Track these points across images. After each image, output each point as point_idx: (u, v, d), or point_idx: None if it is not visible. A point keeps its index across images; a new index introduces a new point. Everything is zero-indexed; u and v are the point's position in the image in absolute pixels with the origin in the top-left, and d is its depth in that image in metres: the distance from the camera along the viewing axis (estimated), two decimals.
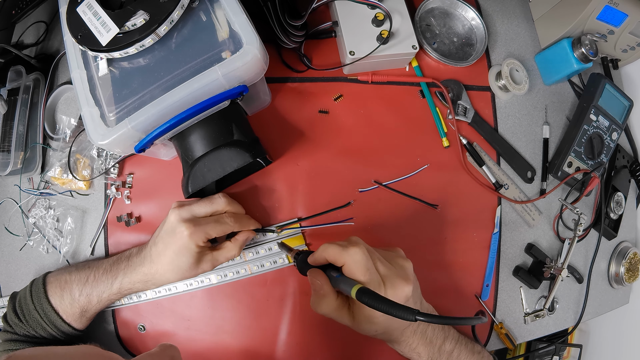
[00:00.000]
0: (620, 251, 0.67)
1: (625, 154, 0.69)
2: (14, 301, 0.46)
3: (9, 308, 0.45)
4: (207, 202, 0.45)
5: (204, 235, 0.42)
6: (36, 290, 0.45)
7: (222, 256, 0.45)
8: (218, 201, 0.45)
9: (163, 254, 0.43)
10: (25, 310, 0.44)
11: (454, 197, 0.56)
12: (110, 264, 0.46)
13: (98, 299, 0.44)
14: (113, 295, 0.45)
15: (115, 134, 0.37)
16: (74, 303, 0.44)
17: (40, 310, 0.44)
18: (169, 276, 0.44)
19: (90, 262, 0.48)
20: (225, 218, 0.45)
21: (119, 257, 0.46)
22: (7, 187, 0.54)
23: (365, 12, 0.53)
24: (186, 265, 0.43)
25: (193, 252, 0.42)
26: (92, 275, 0.45)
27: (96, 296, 0.44)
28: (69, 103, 0.56)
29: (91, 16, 0.38)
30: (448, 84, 0.58)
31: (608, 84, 0.62)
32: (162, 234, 0.44)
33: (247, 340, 0.51)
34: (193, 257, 0.43)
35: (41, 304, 0.44)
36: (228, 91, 0.39)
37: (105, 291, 0.44)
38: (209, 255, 0.45)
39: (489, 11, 0.65)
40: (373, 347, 0.53)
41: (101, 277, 0.44)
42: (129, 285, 0.44)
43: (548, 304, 0.58)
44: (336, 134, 0.54)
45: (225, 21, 0.39)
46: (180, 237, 0.42)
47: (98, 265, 0.46)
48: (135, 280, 0.44)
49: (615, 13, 0.60)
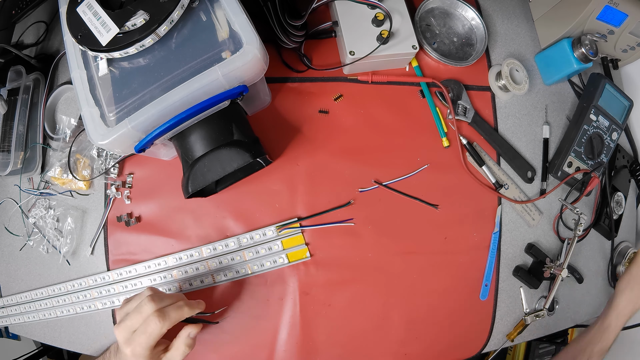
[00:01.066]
0: (620, 251, 0.67)
1: (625, 154, 0.69)
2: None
3: None
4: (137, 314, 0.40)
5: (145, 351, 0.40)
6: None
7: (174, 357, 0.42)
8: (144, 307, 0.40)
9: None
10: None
11: (454, 197, 0.56)
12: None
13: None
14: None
15: (115, 134, 0.37)
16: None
17: None
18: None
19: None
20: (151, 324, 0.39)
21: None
22: (7, 187, 0.55)
23: (365, 12, 0.53)
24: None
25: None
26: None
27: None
28: (69, 103, 0.56)
29: (91, 16, 0.38)
30: (448, 84, 0.58)
31: (608, 84, 0.62)
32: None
33: (247, 340, 0.51)
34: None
35: None
36: (228, 91, 0.39)
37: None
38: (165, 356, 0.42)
39: (489, 11, 0.65)
40: (373, 346, 0.53)
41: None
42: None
43: (548, 304, 0.58)
44: (336, 134, 0.54)
45: (225, 21, 0.39)
46: None
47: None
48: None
49: (615, 13, 0.60)
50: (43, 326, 0.56)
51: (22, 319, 0.55)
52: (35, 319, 0.54)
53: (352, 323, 0.52)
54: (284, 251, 0.51)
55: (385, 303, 0.53)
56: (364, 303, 0.52)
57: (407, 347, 0.54)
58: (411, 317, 0.54)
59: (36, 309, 0.54)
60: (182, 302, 0.42)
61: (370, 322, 0.53)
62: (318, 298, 0.51)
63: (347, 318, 0.52)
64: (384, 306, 0.53)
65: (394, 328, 0.53)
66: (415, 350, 0.54)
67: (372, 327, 0.53)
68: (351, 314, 0.52)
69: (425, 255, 0.55)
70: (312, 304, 0.51)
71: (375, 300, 0.53)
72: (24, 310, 0.55)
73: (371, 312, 0.53)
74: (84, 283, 0.52)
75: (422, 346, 0.54)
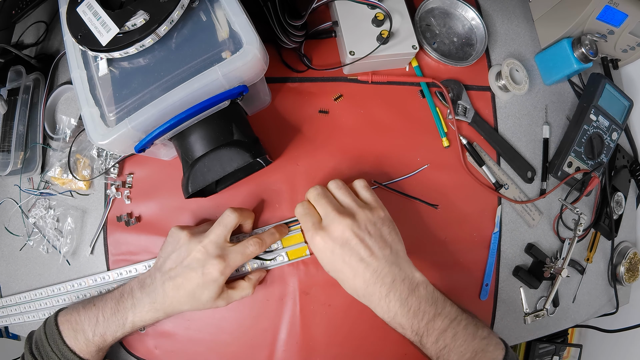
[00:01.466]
0: (620, 251, 0.67)
1: (625, 154, 0.69)
2: (30, 342, 0.45)
3: (26, 350, 0.45)
4: (221, 226, 0.44)
5: (231, 271, 0.43)
6: (50, 332, 0.44)
7: (238, 295, 0.46)
8: (228, 220, 0.44)
9: (182, 288, 0.43)
10: (43, 353, 0.44)
11: (454, 197, 0.56)
12: (115, 302, 0.45)
13: (113, 338, 0.44)
14: (127, 331, 0.45)
15: (115, 134, 0.37)
16: (88, 343, 0.44)
17: (57, 352, 0.43)
18: (183, 307, 0.44)
19: (95, 300, 0.46)
20: (250, 247, 0.44)
21: (122, 294, 0.45)
22: (7, 187, 0.55)
23: (365, 12, 0.53)
24: (206, 299, 0.43)
25: (218, 286, 0.43)
26: (100, 315, 0.44)
27: (110, 335, 0.44)
28: (69, 103, 0.56)
29: (91, 16, 0.38)
30: (448, 84, 0.58)
31: (608, 84, 0.62)
32: (184, 269, 0.43)
33: (247, 340, 0.51)
34: (216, 292, 0.43)
35: (58, 346, 0.43)
36: (228, 91, 0.39)
37: (119, 330, 0.44)
38: (226, 293, 0.45)
39: (489, 11, 0.65)
40: (373, 346, 0.53)
41: (111, 319, 0.44)
42: (141, 322, 0.44)
43: (548, 304, 0.58)
44: (336, 134, 0.54)
45: (225, 21, 0.39)
46: (210, 273, 0.42)
47: (104, 305, 0.45)
48: (146, 317, 0.44)
49: (615, 13, 0.60)
50: None
51: (22, 318, 0.55)
52: (35, 319, 0.54)
53: (352, 323, 0.52)
54: (283, 249, 0.51)
55: None
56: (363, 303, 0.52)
57: (406, 347, 0.53)
58: None
59: (36, 308, 0.54)
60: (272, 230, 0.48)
61: (370, 322, 0.52)
62: (318, 298, 0.51)
63: (347, 318, 0.52)
64: None
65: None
66: (415, 350, 0.54)
67: (372, 327, 0.53)
68: (351, 314, 0.52)
69: (425, 255, 0.54)
70: (312, 304, 0.51)
71: None
72: (24, 310, 0.54)
73: (371, 312, 0.52)
74: (83, 283, 0.52)
75: None
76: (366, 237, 0.42)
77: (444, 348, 0.41)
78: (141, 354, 0.51)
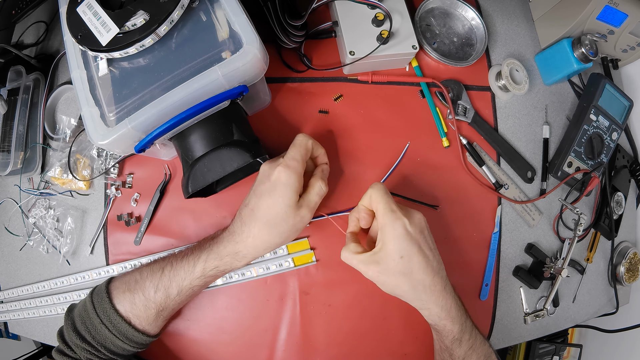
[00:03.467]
0: (620, 251, 0.67)
1: (625, 154, 0.69)
2: (72, 317, 0.40)
3: (68, 326, 0.40)
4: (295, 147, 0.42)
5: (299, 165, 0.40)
6: (99, 301, 0.39)
7: (314, 194, 0.42)
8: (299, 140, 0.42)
9: (257, 208, 0.40)
10: (90, 327, 0.39)
11: (454, 197, 0.56)
12: (190, 249, 0.42)
13: (178, 290, 0.40)
14: (195, 281, 0.40)
15: (115, 134, 0.37)
16: (149, 304, 0.39)
17: (108, 323, 0.38)
18: (264, 236, 0.40)
19: (163, 257, 0.43)
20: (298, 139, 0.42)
21: (201, 241, 0.43)
22: (7, 187, 0.55)
23: (365, 12, 0.53)
24: (285, 212, 0.39)
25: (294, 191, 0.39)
26: (168, 265, 0.40)
27: (176, 286, 0.39)
28: (69, 103, 0.56)
29: (91, 16, 0.38)
30: (448, 84, 0.58)
31: (608, 84, 0.62)
32: (254, 188, 0.41)
33: (247, 340, 0.51)
34: (293, 199, 0.39)
35: (108, 315, 0.39)
36: (228, 91, 0.39)
37: (187, 277, 0.40)
38: (303, 199, 0.41)
39: (489, 11, 0.65)
40: (373, 346, 0.53)
41: (180, 263, 0.40)
42: (215, 262, 0.40)
43: (548, 304, 0.58)
44: (336, 134, 0.54)
45: (225, 21, 0.39)
46: (277, 177, 0.39)
47: (174, 255, 0.42)
48: (224, 255, 0.40)
49: (615, 13, 0.60)
50: (43, 326, 0.56)
51: (22, 314, 0.55)
52: (35, 316, 0.54)
53: (352, 323, 0.52)
54: (289, 255, 0.51)
55: (385, 303, 0.53)
56: (363, 303, 0.52)
57: (406, 347, 0.54)
58: (411, 317, 0.54)
59: (36, 305, 0.54)
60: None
61: (370, 322, 0.52)
62: (318, 298, 0.51)
63: (347, 318, 0.52)
64: (383, 306, 0.53)
65: (393, 328, 0.53)
66: (415, 350, 0.54)
67: (372, 327, 0.53)
68: (351, 314, 0.52)
69: None
70: (312, 304, 0.51)
71: (375, 300, 0.53)
72: (24, 306, 0.54)
73: (371, 312, 0.53)
74: (87, 276, 0.51)
75: (422, 346, 0.54)
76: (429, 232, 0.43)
77: (470, 348, 0.41)
78: (141, 354, 0.51)
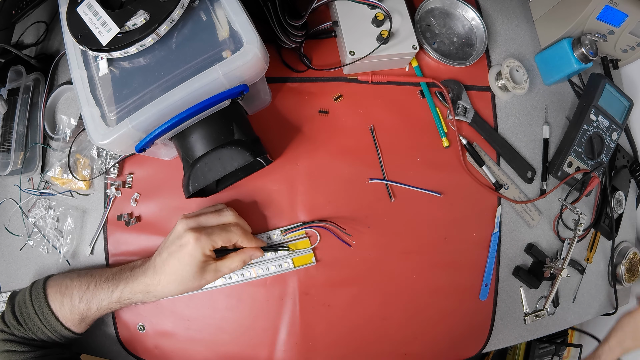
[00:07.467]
0: (620, 251, 0.67)
1: (625, 154, 0.69)
2: (12, 303, 0.46)
3: (8, 309, 0.45)
4: (215, 214, 0.45)
5: (210, 243, 0.43)
6: (36, 295, 0.45)
7: (226, 267, 0.45)
8: (226, 214, 0.46)
9: (167, 263, 0.43)
10: (25, 314, 0.44)
11: (454, 198, 0.56)
12: (113, 273, 0.46)
13: (98, 307, 0.44)
14: (113, 304, 0.45)
15: (115, 134, 0.37)
16: (73, 310, 0.44)
17: (40, 315, 0.44)
18: (171, 288, 0.44)
19: (92, 270, 0.47)
20: (232, 227, 0.45)
21: (123, 268, 0.46)
22: (7, 187, 0.54)
23: (365, 12, 0.53)
24: (189, 275, 0.43)
25: (198, 261, 0.43)
26: (93, 283, 0.45)
27: (96, 304, 0.44)
28: (69, 103, 0.56)
29: (91, 16, 0.38)
30: (448, 84, 0.58)
31: (608, 84, 0.62)
32: (168, 243, 0.44)
33: (246, 340, 0.51)
34: (197, 266, 0.43)
35: (41, 309, 0.44)
36: (228, 90, 0.39)
37: (105, 299, 0.44)
38: (213, 265, 0.45)
39: (489, 11, 0.65)
40: (372, 346, 0.53)
41: (102, 285, 0.44)
42: (129, 295, 0.44)
43: (548, 304, 0.58)
44: (336, 134, 0.54)
45: (225, 21, 0.39)
46: (186, 244, 0.42)
47: (100, 274, 0.46)
48: (136, 290, 0.44)
49: (615, 13, 0.60)
50: None
51: None
52: None
53: (352, 323, 0.52)
54: (289, 255, 0.51)
55: (385, 303, 0.53)
56: (363, 303, 0.52)
57: (406, 347, 0.54)
58: (411, 317, 0.54)
59: None
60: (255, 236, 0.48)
61: (370, 322, 0.52)
62: (318, 298, 0.51)
63: (347, 318, 0.52)
64: (383, 306, 0.53)
65: (393, 328, 0.53)
66: (415, 350, 0.54)
67: (372, 327, 0.53)
68: (351, 314, 0.52)
69: (425, 255, 0.55)
70: (312, 304, 0.51)
71: (375, 300, 0.53)
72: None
73: (371, 312, 0.53)
74: None
75: (422, 346, 0.54)
76: None
77: None
78: (141, 354, 0.51)
